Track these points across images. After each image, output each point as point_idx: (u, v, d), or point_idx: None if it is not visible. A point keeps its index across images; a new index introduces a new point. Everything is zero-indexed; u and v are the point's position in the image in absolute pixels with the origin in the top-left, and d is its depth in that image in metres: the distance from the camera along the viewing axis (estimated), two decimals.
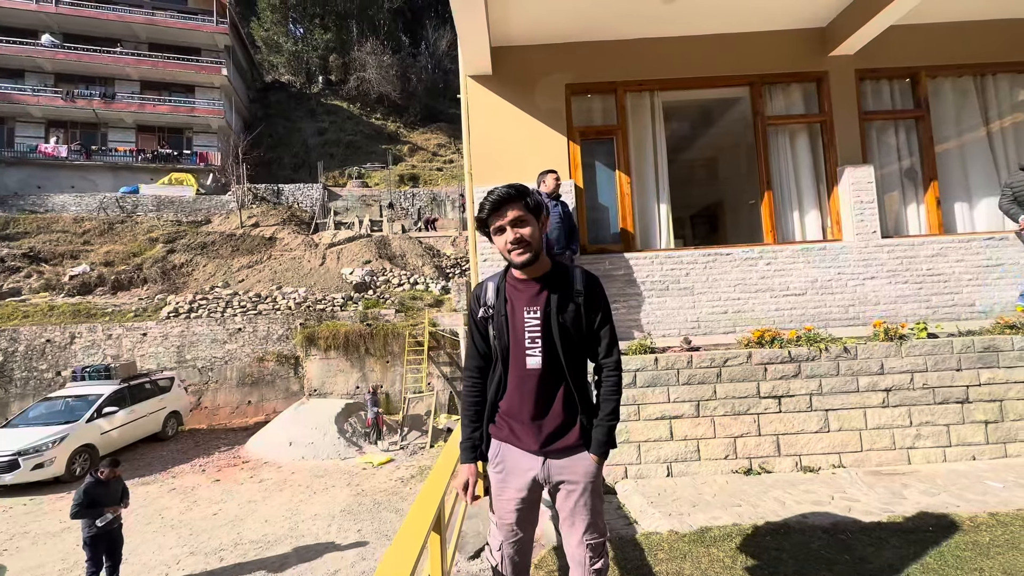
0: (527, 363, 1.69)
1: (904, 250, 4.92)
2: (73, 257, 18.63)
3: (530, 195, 1.68)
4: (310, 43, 32.25)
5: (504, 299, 1.74)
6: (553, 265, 1.77)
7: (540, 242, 1.69)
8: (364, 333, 13.11)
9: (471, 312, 1.83)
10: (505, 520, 1.76)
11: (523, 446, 1.73)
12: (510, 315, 1.72)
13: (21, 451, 8.30)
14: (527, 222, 1.65)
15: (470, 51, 4.57)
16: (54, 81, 24.14)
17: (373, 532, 6.27)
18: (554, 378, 1.69)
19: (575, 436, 1.71)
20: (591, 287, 1.75)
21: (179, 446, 10.93)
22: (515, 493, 1.73)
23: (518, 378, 1.71)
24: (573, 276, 1.75)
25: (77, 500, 4.72)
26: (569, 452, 1.72)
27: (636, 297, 4.86)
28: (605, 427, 1.72)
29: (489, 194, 1.66)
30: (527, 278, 1.73)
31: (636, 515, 3.20)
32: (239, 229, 20.28)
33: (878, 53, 4.95)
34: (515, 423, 1.74)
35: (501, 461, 1.77)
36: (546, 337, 1.68)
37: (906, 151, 5.30)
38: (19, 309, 14.69)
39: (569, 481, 1.71)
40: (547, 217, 1.78)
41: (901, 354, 3.81)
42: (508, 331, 1.72)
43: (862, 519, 2.85)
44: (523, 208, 1.66)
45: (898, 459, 3.70)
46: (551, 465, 1.71)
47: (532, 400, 1.70)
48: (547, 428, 1.70)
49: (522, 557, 1.80)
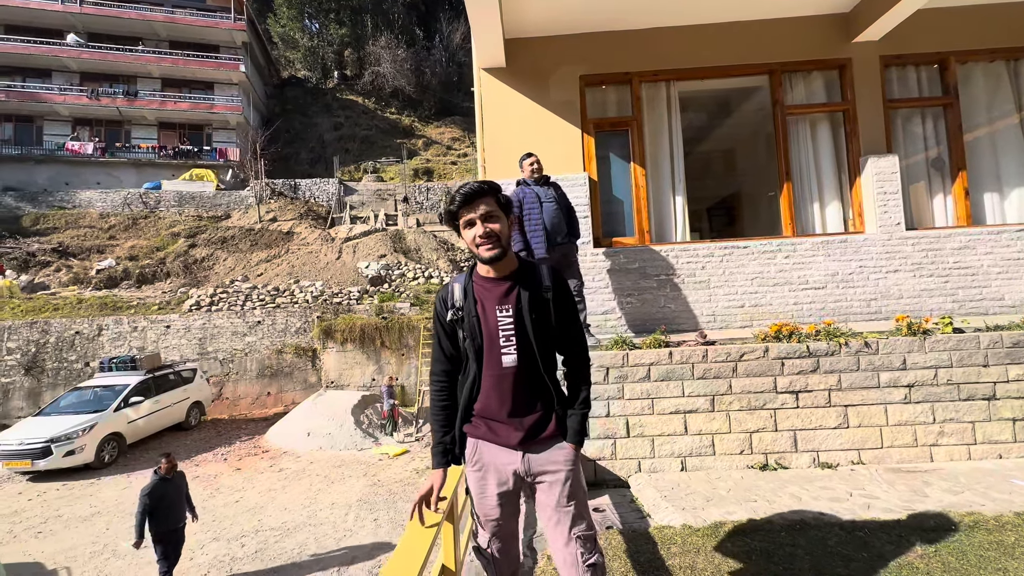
0: (503, 361, 1.69)
1: (929, 242, 4.78)
2: (100, 252, 19.19)
3: (501, 192, 1.71)
4: (325, 38, 32.45)
5: (473, 299, 1.73)
6: (520, 263, 1.79)
7: (508, 240, 1.72)
8: (380, 326, 13.26)
9: (437, 316, 1.82)
10: (490, 517, 1.75)
11: (501, 441, 1.73)
12: (481, 315, 1.71)
13: (53, 438, 8.63)
14: (497, 218, 1.67)
15: (483, 44, 4.55)
16: (80, 80, 24.76)
17: (389, 521, 6.38)
18: (530, 374, 1.71)
19: (552, 428, 1.73)
20: (559, 283, 1.77)
21: (202, 435, 11.24)
22: (496, 488, 1.73)
23: (494, 377, 1.71)
24: (541, 273, 1.77)
25: (144, 501, 4.61)
26: (548, 443, 1.73)
27: (651, 291, 4.82)
28: (579, 415, 1.76)
29: (460, 187, 1.68)
30: (495, 276, 1.74)
31: (649, 508, 3.19)
32: (257, 224, 20.63)
33: (904, 39, 4.79)
34: (492, 421, 1.74)
35: (479, 459, 1.76)
36: (520, 334, 1.69)
37: (933, 140, 5.13)
38: (50, 302, 15.21)
39: (551, 472, 1.70)
40: (514, 218, 1.80)
41: (925, 349, 3.71)
42: (481, 331, 1.71)
43: (881, 516, 2.80)
44: (494, 203, 1.67)
45: (920, 456, 3.61)
46: (531, 459, 1.71)
47: (511, 398, 1.71)
48: (528, 423, 1.71)
49: (511, 547, 1.82)
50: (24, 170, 23.19)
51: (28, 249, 18.51)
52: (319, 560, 5.49)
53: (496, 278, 1.74)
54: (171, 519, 4.84)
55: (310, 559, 5.53)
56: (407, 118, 31.16)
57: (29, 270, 17.69)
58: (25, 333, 13.54)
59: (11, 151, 23.33)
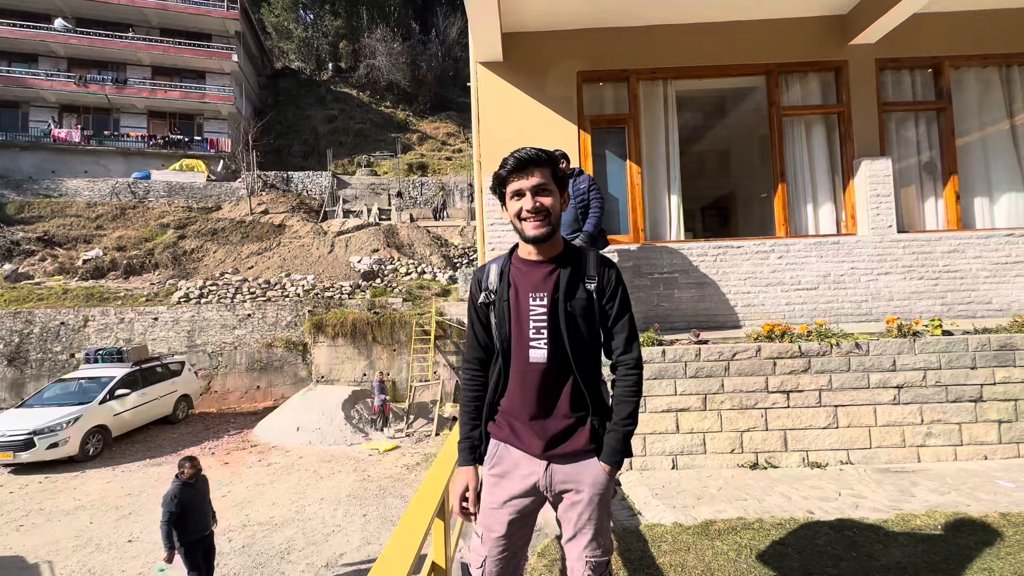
0: (530, 356, 1.50)
1: (920, 245, 4.82)
2: (86, 241, 18.87)
3: (560, 164, 1.49)
4: (320, 29, 32.09)
5: (508, 283, 1.55)
6: (565, 246, 1.57)
7: (559, 219, 1.51)
8: (371, 321, 13.18)
9: (471, 297, 1.63)
10: (494, 532, 1.52)
11: (524, 447, 1.53)
12: (513, 301, 1.53)
13: (36, 430, 8.48)
14: (551, 192, 1.47)
15: (481, 37, 4.50)
16: (67, 66, 24.26)
17: (378, 517, 6.35)
18: (560, 373, 1.50)
19: (584, 440, 1.50)
20: (606, 273, 1.54)
21: (189, 429, 11.11)
22: (511, 500, 1.52)
23: (520, 372, 1.52)
24: (586, 260, 1.55)
25: (165, 509, 4.24)
26: (576, 458, 1.51)
27: (644, 289, 4.82)
28: (620, 433, 1.50)
29: (515, 152, 1.47)
30: (535, 259, 1.54)
31: (640, 506, 3.19)
32: (249, 216, 20.39)
33: (900, 42, 4.82)
34: (516, 422, 1.54)
35: (498, 463, 1.56)
36: (552, 327, 1.48)
37: (926, 144, 5.17)
38: (34, 292, 14.94)
39: (574, 490, 1.50)
40: (568, 196, 1.57)
41: (914, 351, 3.75)
42: (510, 319, 1.52)
43: (869, 516, 2.82)
44: (550, 176, 1.48)
45: (908, 457, 3.65)
46: (555, 471, 1.50)
47: (535, 397, 1.51)
48: (551, 429, 1.50)
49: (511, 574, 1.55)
50: (8, 156, 22.69)
51: (12, 238, 18.14)
52: (307, 556, 5.45)
53: (536, 261, 1.54)
54: (199, 526, 4.44)
55: (298, 555, 5.48)
56: (402, 112, 30.95)
57: (13, 259, 17.35)
58: (8, 323, 13.28)
59: None
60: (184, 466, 4.46)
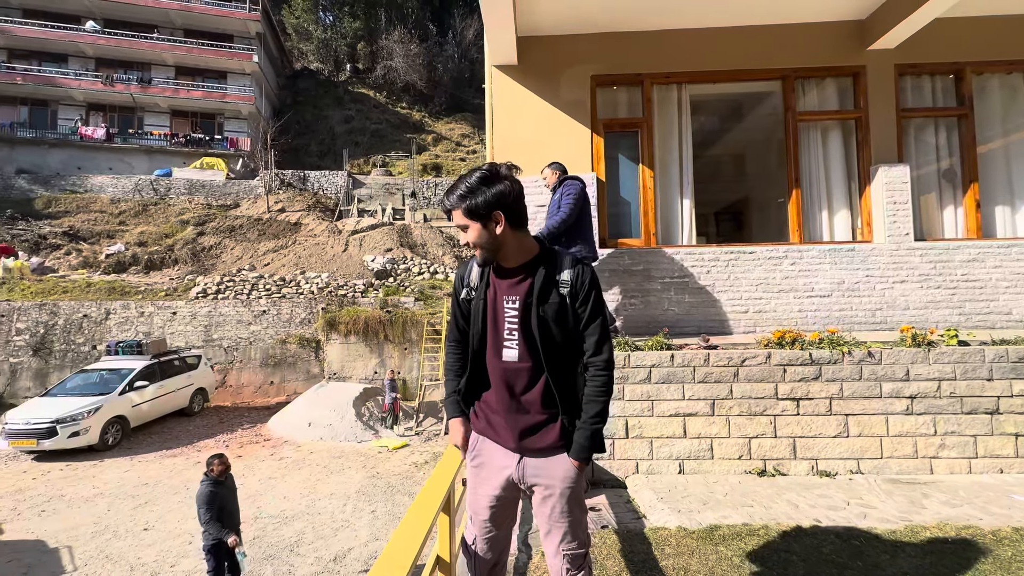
0: (503, 355, 1.61)
1: (938, 254, 4.74)
2: (109, 236, 19.38)
3: (472, 197, 1.53)
4: (339, 31, 32.55)
5: (487, 283, 1.65)
6: (541, 251, 1.63)
7: (490, 241, 1.56)
8: (384, 319, 13.33)
9: (455, 291, 1.77)
10: (480, 515, 1.68)
11: (500, 440, 1.66)
12: (491, 301, 1.64)
13: (59, 419, 8.75)
14: (469, 228, 1.56)
15: (496, 41, 4.55)
16: (95, 66, 24.97)
17: (386, 513, 6.43)
18: (532, 372, 1.59)
19: (554, 436, 1.60)
20: (579, 277, 1.59)
21: (204, 422, 11.35)
22: (489, 490, 1.66)
23: (495, 370, 1.64)
24: (560, 263, 1.61)
25: (205, 508, 4.21)
26: (547, 453, 1.61)
27: (655, 293, 4.82)
28: (588, 431, 1.58)
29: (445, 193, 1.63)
30: (508, 266, 1.63)
31: (645, 510, 3.20)
32: (266, 214, 20.75)
33: (920, 48, 4.75)
34: (493, 416, 1.67)
35: (478, 454, 1.71)
36: (524, 329, 1.58)
37: (945, 151, 5.08)
38: (59, 285, 15.39)
39: (544, 484, 1.60)
40: (498, 215, 1.55)
41: (929, 361, 3.69)
42: (484, 317, 1.64)
43: (878, 526, 2.79)
44: (463, 215, 1.56)
45: (920, 468, 3.60)
46: (526, 464, 1.61)
47: (507, 394, 1.61)
48: (522, 424, 1.61)
49: (497, 554, 1.72)
50: (38, 153, 23.45)
51: (39, 232, 18.72)
52: (316, 549, 5.54)
53: (508, 268, 1.63)
54: (231, 523, 4.41)
55: (307, 548, 5.58)
56: (417, 113, 31.21)
57: (40, 252, 17.90)
58: (34, 314, 13.71)
59: (26, 134, 23.61)
60: (213, 463, 4.43)
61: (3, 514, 6.56)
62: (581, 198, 4.00)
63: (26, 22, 23.87)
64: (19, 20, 23.88)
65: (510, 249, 1.60)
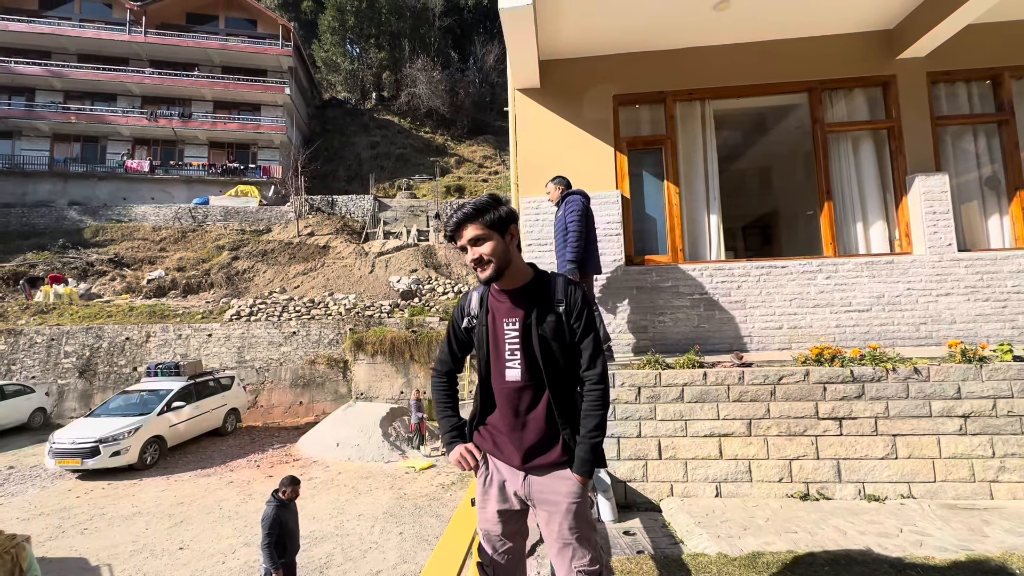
0: (506, 375, 1.67)
1: (984, 265, 4.53)
2: (151, 263, 20.33)
3: (491, 210, 1.63)
4: (365, 62, 33.95)
5: (487, 310, 1.73)
6: (535, 274, 1.73)
7: (503, 256, 1.63)
8: (409, 340, 13.46)
9: (453, 321, 1.83)
10: (492, 532, 1.71)
11: (505, 459, 1.70)
12: (491, 326, 1.71)
13: (102, 439, 9.08)
14: (485, 239, 1.61)
15: (519, 65, 4.66)
16: (141, 103, 26.65)
17: (414, 535, 6.38)
18: (535, 391, 1.65)
19: (557, 453, 1.64)
20: (572, 296, 1.67)
21: (237, 441, 11.59)
22: (498, 506, 1.69)
23: (499, 390, 1.70)
24: (555, 286, 1.70)
25: (269, 530, 4.18)
26: (550, 469, 1.65)
27: (684, 310, 4.74)
28: (588, 444, 1.62)
29: (451, 214, 1.66)
30: (506, 289, 1.70)
31: (682, 534, 3.09)
32: (296, 238, 21.44)
33: (953, 54, 4.64)
34: (499, 435, 1.72)
35: (486, 473, 1.74)
36: (526, 349, 1.64)
37: (987, 158, 4.90)
38: (104, 309, 16.16)
39: (549, 501, 1.63)
40: (514, 230, 1.68)
41: (981, 378, 3.50)
42: (488, 342, 1.70)
43: (935, 556, 2.62)
44: (481, 226, 1.61)
45: (978, 492, 3.38)
46: (532, 482, 1.66)
47: (512, 413, 1.67)
48: (527, 442, 1.65)
49: (514, 568, 1.75)
50: (88, 186, 24.98)
51: (87, 259, 19.79)
52: (345, 571, 5.52)
53: (506, 291, 1.71)
54: (290, 549, 4.36)
55: (336, 570, 5.57)
56: (440, 137, 32.01)
57: (87, 279, 18.89)
58: (81, 338, 14.40)
59: (78, 168, 25.21)
60: (285, 487, 4.40)
61: (49, 532, 6.80)
62: (584, 214, 4.03)
63: (81, 66, 25.75)
64: (74, 64, 25.78)
65: (514, 268, 1.68)
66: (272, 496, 4.39)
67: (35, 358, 14.21)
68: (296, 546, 4.47)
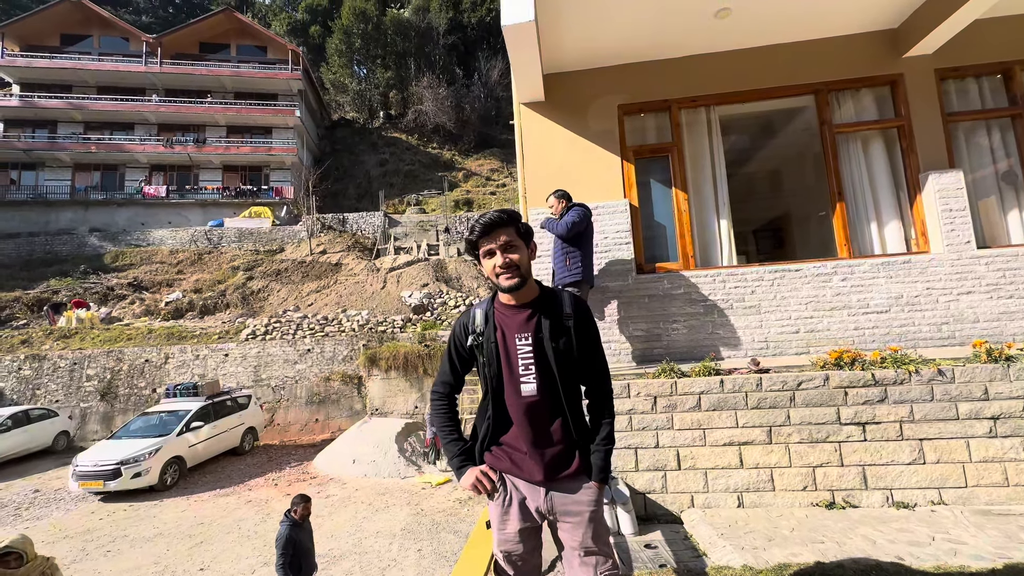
0: (522, 391, 1.67)
1: (1006, 261, 4.43)
2: (168, 285, 20.74)
3: (521, 221, 1.71)
4: (372, 82, 34.66)
5: (494, 326, 1.71)
6: (542, 290, 1.75)
7: (528, 268, 1.69)
8: (422, 353, 13.48)
9: (455, 339, 1.81)
10: (513, 552, 1.71)
11: (526, 476, 1.70)
12: (501, 342, 1.70)
13: (123, 460, 9.19)
14: (517, 248, 1.66)
15: (523, 80, 4.72)
16: (157, 131, 27.47)
17: (432, 552, 6.32)
18: (550, 405, 1.67)
19: (576, 464, 1.68)
20: (580, 311, 1.72)
21: (254, 460, 11.64)
22: (519, 524, 1.69)
23: (515, 406, 1.69)
24: (562, 300, 1.73)
25: (283, 550, 4.13)
26: (571, 481, 1.68)
27: (697, 317, 4.69)
28: (602, 452, 1.69)
29: (480, 217, 1.68)
30: (516, 303, 1.71)
31: (705, 547, 3.03)
32: (309, 256, 21.74)
33: (961, 50, 4.59)
34: (516, 453, 1.71)
35: (504, 492, 1.73)
36: (540, 363, 1.66)
37: (1002, 152, 4.82)
38: (124, 332, 16.49)
39: (572, 512, 1.66)
40: (534, 246, 1.76)
41: (1009, 378, 3.40)
42: (499, 358, 1.70)
43: (972, 565, 2.53)
44: (514, 233, 1.66)
45: (1013, 497, 3.26)
46: (554, 497, 1.67)
47: (529, 428, 1.67)
48: (549, 455, 1.67)
49: None
50: (107, 212, 25.69)
51: (108, 284, 20.27)
52: None
53: (517, 305, 1.72)
54: (306, 568, 4.32)
55: None
56: (448, 152, 32.41)
57: (108, 303, 19.32)
58: (102, 361, 14.69)
59: (98, 196, 25.98)
60: (298, 506, 4.37)
61: (73, 554, 6.87)
62: (585, 216, 4.18)
63: (101, 97, 26.67)
64: (94, 96, 26.72)
65: (530, 282, 1.74)
66: (285, 516, 4.37)
67: (58, 382, 14.51)
68: (312, 565, 4.43)
